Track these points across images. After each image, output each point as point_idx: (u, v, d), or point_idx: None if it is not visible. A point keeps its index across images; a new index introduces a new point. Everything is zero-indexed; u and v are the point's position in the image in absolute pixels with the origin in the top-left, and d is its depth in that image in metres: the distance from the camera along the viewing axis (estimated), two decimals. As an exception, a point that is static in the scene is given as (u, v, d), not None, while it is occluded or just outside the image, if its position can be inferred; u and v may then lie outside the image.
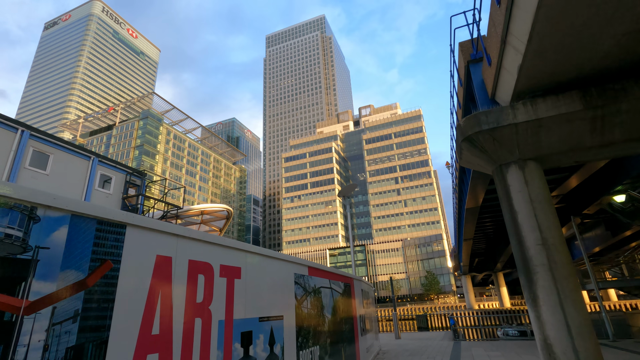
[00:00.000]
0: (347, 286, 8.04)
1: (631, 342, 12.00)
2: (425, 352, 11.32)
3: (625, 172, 15.94)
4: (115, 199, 15.76)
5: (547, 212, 6.51)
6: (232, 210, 28.87)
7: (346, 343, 7.22)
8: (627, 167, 15.78)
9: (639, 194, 20.26)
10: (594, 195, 18.50)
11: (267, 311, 4.36)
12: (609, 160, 16.23)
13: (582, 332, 5.73)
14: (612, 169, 17.27)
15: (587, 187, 19.16)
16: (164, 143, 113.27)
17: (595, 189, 18.49)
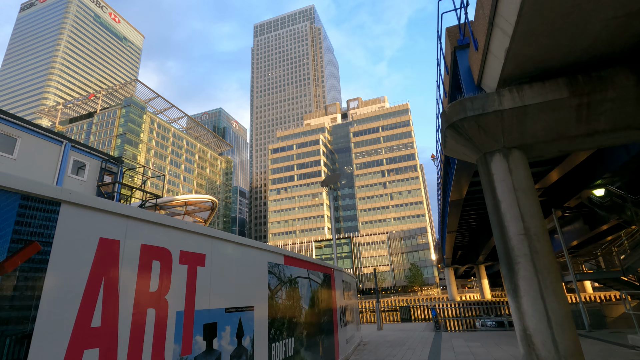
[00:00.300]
0: (327, 277, 7.81)
1: (606, 332, 12.22)
2: (406, 343, 11.26)
3: (605, 166, 16.15)
4: (90, 186, 15.11)
5: (530, 201, 6.38)
6: (217, 201, 28.30)
7: (324, 335, 7.01)
8: (607, 161, 15.99)
9: (617, 189, 20.68)
10: (574, 189, 18.76)
11: (236, 301, 4.07)
12: (589, 155, 16.43)
13: (562, 323, 5.64)
14: (592, 163, 17.50)
15: (567, 181, 19.43)
16: (147, 132, 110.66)
17: (575, 183, 18.75)
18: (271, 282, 5.04)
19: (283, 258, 5.60)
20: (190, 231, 3.50)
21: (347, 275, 10.69)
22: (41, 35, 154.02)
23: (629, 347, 8.34)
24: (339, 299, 8.59)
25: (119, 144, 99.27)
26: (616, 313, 17.78)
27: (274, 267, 5.21)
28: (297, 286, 5.99)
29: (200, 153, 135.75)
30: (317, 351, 6.39)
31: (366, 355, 9.14)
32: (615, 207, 20.18)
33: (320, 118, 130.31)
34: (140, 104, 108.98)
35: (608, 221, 23.10)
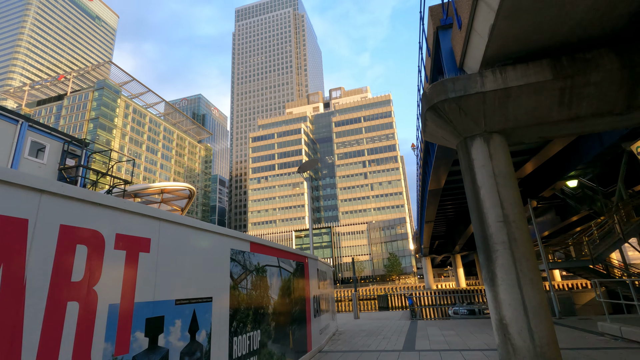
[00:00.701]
0: (299, 265, 7.44)
1: (575, 319, 12.50)
2: (382, 332, 11.13)
3: (579, 157, 16.43)
4: (51, 169, 14.09)
5: (509, 187, 6.17)
6: (195, 189, 27.37)
7: (296, 326, 6.67)
8: (581, 152, 16.27)
9: (589, 181, 21.24)
10: (549, 179, 19.09)
11: (189, 292, 3.61)
12: (564, 146, 16.65)
13: (538, 311, 5.50)
14: (566, 155, 17.81)
15: (543, 172, 19.76)
16: (122, 117, 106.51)
17: (550, 174, 19.08)
18: (234, 271, 4.60)
19: (249, 245, 5.16)
20: (130, 212, 3.00)
21: (323, 264, 10.37)
22: (5, 11, 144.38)
23: (599, 334, 8.43)
24: (313, 288, 8.26)
25: (91, 129, 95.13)
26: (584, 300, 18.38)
27: (238, 254, 4.77)
28: (266, 275, 5.58)
29: (179, 140, 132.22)
30: (286, 343, 6.04)
31: (340, 345, 8.89)
32: (586, 198, 20.74)
33: (302, 107, 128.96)
34: (114, 87, 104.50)
35: (579, 212, 23.81)
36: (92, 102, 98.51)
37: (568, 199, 22.29)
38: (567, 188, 21.78)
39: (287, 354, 6.00)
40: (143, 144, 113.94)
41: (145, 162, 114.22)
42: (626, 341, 7.36)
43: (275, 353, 5.50)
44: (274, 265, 6.01)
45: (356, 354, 7.60)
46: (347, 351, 7.96)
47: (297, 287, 7.09)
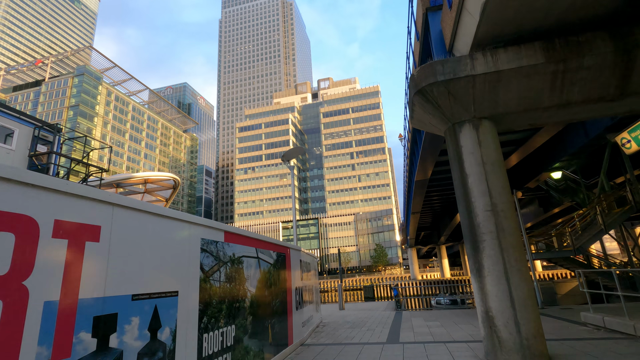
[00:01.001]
0: (280, 256, 7.11)
1: (557, 308, 12.61)
2: (366, 323, 10.98)
3: (563, 149, 16.50)
4: (20, 156, 13.31)
5: (498, 175, 5.95)
6: (179, 179, 26.66)
7: (276, 319, 6.37)
8: (566, 144, 16.33)
9: (572, 174, 21.50)
10: (534, 171, 19.20)
11: (150, 286, 3.25)
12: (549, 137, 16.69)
13: (525, 303, 5.33)
14: (551, 146, 17.88)
15: (528, 164, 19.85)
16: (103, 104, 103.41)
17: (535, 165, 19.18)
18: (205, 263, 4.25)
19: (223, 234, 4.80)
20: (74, 195, 2.60)
21: (307, 255, 10.09)
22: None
23: (581, 324, 8.43)
24: (295, 280, 7.96)
25: (71, 116, 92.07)
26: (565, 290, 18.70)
27: (210, 244, 4.41)
28: (242, 266, 5.24)
29: (163, 129, 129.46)
30: (265, 337, 5.74)
31: (323, 337, 8.67)
32: (569, 190, 20.99)
33: (290, 97, 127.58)
34: (95, 74, 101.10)
35: (561, 204, 24.17)
36: (72, 89, 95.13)
37: (551, 191, 22.54)
38: (551, 180, 22.00)
39: (265, 348, 5.70)
40: (126, 133, 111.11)
41: (128, 151, 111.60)
42: (608, 331, 7.34)
43: (252, 349, 5.19)
44: (252, 256, 5.67)
45: (339, 347, 7.38)
46: (330, 344, 7.74)
47: (278, 278, 6.78)
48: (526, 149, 16.76)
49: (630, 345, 6.02)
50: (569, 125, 15.47)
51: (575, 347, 6.09)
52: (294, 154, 11.16)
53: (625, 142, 12.19)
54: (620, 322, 7.07)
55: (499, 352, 5.31)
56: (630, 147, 12.00)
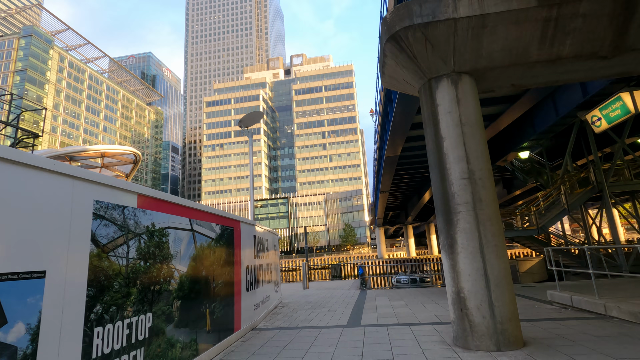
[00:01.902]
0: (226, 231, 6.10)
1: (520, 286, 12.56)
2: (328, 303, 10.32)
3: (532, 128, 16.35)
4: None
5: (477, 139, 5.18)
6: (140, 154, 24.56)
7: (218, 303, 5.42)
8: (535, 123, 16.17)
9: (537, 155, 21.75)
10: (502, 150, 19.12)
11: (-18, 264, 2.14)
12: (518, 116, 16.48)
13: (501, 282, 4.70)
14: (520, 126, 17.75)
15: (496, 143, 19.76)
16: (55, 71, 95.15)
17: (504, 145, 19.10)
18: (102, 233, 3.15)
19: (136, 198, 3.70)
20: None
21: (265, 230, 9.13)
22: None
23: (547, 303, 8.15)
24: (246, 257, 7.00)
25: (17, 82, 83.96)
26: (525, 268, 19.12)
27: (111, 210, 3.31)
28: (166, 240, 4.18)
29: (125, 101, 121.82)
30: (200, 325, 4.77)
31: (279, 320, 7.86)
32: (534, 171, 21.22)
33: (261, 72, 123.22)
34: (45, 36, 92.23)
35: (525, 184, 24.58)
36: (18, 52, 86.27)
37: (517, 172, 22.79)
38: (517, 161, 22.21)
39: (201, 337, 4.75)
40: (82, 103, 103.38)
41: (85, 123, 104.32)
42: (577, 310, 7.02)
43: (179, 340, 4.22)
44: (183, 228, 4.61)
45: (294, 331, 6.58)
46: (285, 328, 6.93)
47: (222, 256, 5.78)
48: (496, 127, 16.45)
49: (603, 326, 5.62)
50: (539, 102, 15.22)
51: (548, 329, 5.62)
52: (253, 119, 9.98)
53: (596, 120, 11.99)
54: (590, 301, 6.74)
55: (470, 337, 4.67)
56: (600, 124, 11.81)
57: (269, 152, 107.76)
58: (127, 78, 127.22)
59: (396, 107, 11.79)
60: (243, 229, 6.97)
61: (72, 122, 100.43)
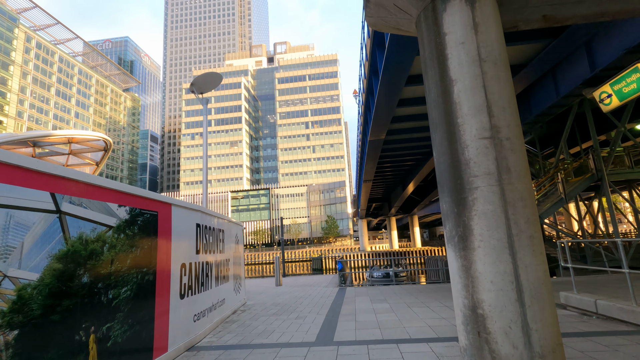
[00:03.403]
0: (142, 216, 4.29)
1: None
2: (299, 306, 8.67)
3: (528, 111, 14.99)
4: None
5: (503, 81, 3.54)
6: (111, 141, 22.05)
7: (118, 322, 3.64)
8: (531, 104, 14.82)
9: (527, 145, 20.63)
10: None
11: None
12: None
13: (540, 293, 3.11)
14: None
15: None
16: (22, 51, 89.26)
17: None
18: None
19: None
20: None
21: (216, 218, 7.34)
22: None
23: (560, 307, 6.73)
24: (181, 254, 5.22)
25: (-23, 62, 77.99)
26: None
27: None
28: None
29: (99, 86, 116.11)
30: (85, 351, 2.99)
31: (231, 333, 6.15)
32: (525, 159, 20.09)
33: (243, 60, 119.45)
34: (9, 14, 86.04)
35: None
36: (-22, 29, 79.94)
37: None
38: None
39: (75, 382, 2.97)
40: (52, 87, 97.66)
41: (55, 108, 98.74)
42: (605, 319, 5.59)
43: (10, 399, 2.43)
44: (36, 208, 2.79)
45: (242, 353, 4.87)
46: (232, 347, 5.21)
47: (131, 252, 3.98)
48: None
49: (657, 346, 4.15)
50: (537, 81, 13.86)
51: (587, 352, 4.11)
52: (208, 82, 8.11)
53: (605, 97, 10.65)
54: (624, 308, 5.30)
55: (491, 376, 3.06)
56: (610, 102, 10.48)
57: (250, 142, 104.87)
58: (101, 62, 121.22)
59: (382, 77, 10.10)
60: (177, 215, 5.16)
61: (40, 106, 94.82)
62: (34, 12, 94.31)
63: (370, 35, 10.39)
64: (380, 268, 27.46)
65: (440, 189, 3.76)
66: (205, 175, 8.39)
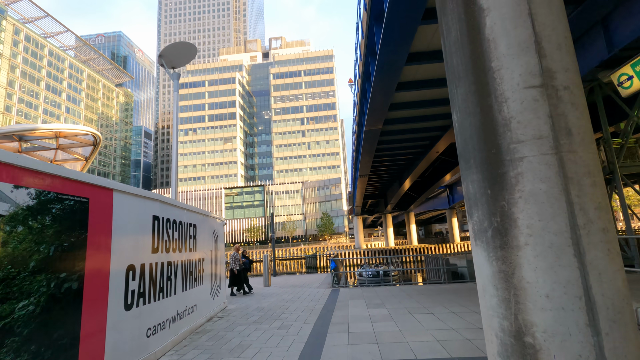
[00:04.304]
0: (64, 203, 3.19)
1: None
2: (285, 312, 7.63)
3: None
4: None
5: (556, 7, 2.50)
6: (100, 135, 20.82)
7: (14, 347, 2.56)
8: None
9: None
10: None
11: None
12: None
13: (622, 315, 2.10)
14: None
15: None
16: (10, 44, 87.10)
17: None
18: None
19: None
20: None
21: (185, 210, 6.26)
22: None
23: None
24: (126, 252, 4.14)
25: (-38, 54, 75.82)
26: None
27: None
28: None
29: (90, 81, 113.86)
30: None
31: (197, 349, 5.10)
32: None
33: (238, 54, 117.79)
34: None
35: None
36: (-37, 20, 77.66)
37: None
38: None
39: None
40: (41, 81, 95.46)
41: (45, 103, 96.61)
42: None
43: None
44: None
45: (203, 379, 3.81)
46: (193, 369, 4.14)
47: (36, 251, 2.89)
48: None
49: None
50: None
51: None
52: (180, 55, 7.01)
53: (625, 80, 9.67)
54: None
55: None
56: (630, 85, 9.51)
57: (245, 138, 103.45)
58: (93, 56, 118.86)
59: (380, 54, 9.02)
60: (122, 203, 4.07)
61: (29, 101, 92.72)
62: (23, 3, 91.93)
63: (367, 8, 9.31)
64: (370, 267, 26.38)
65: (464, 164, 2.71)
66: (175, 161, 7.29)
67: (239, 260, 10.96)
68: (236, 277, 11.01)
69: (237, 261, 10.90)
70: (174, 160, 7.45)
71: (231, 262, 10.92)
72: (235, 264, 10.88)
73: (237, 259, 10.95)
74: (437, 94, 14.13)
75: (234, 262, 10.88)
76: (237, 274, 10.98)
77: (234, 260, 10.89)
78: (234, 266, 10.87)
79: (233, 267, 10.89)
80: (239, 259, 11.01)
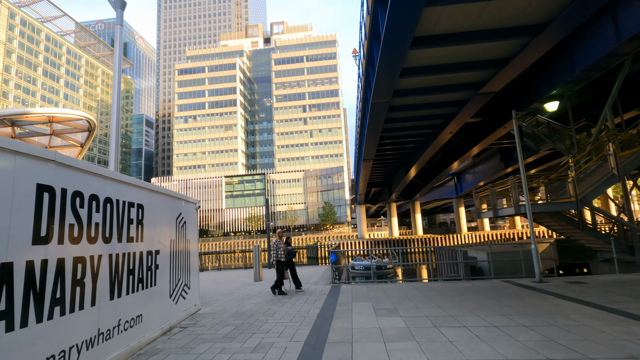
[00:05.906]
0: None
1: (561, 282, 8.49)
2: (270, 318, 5.89)
3: (570, 66, 12.11)
4: None
5: None
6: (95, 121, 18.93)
7: None
8: (573, 58, 11.92)
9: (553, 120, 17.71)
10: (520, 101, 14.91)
11: None
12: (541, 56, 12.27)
13: None
14: (545, 68, 13.52)
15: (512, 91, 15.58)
16: (5, 29, 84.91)
17: (524, 92, 14.92)
18: None
19: None
20: None
21: (118, 182, 4.44)
22: None
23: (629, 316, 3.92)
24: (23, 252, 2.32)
25: (-45, 38, 73.81)
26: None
27: None
28: None
29: (89, 67, 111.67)
30: None
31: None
32: (553, 134, 17.21)
33: (239, 40, 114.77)
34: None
35: (537, 152, 20.71)
36: (-44, 3, 75.42)
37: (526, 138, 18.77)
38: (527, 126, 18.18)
39: None
40: (38, 67, 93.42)
41: (42, 89, 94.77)
42: None
43: None
44: None
45: None
46: None
47: None
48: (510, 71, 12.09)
49: None
50: (585, 25, 10.86)
51: None
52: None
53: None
54: None
55: None
56: None
57: (246, 125, 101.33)
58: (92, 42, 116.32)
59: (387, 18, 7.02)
60: (20, 167, 2.24)
61: (26, 87, 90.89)
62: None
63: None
64: (363, 259, 24.36)
65: None
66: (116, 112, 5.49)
67: (282, 249, 8.76)
68: (282, 270, 8.77)
69: (279, 250, 8.71)
70: (115, 106, 5.61)
71: (273, 252, 8.74)
72: (279, 254, 8.68)
73: (280, 247, 8.76)
74: (463, 53, 11.42)
75: (277, 251, 8.70)
76: (281, 266, 8.73)
77: (276, 249, 8.71)
78: (277, 256, 8.67)
79: (274, 259, 8.68)
80: (282, 248, 8.80)
